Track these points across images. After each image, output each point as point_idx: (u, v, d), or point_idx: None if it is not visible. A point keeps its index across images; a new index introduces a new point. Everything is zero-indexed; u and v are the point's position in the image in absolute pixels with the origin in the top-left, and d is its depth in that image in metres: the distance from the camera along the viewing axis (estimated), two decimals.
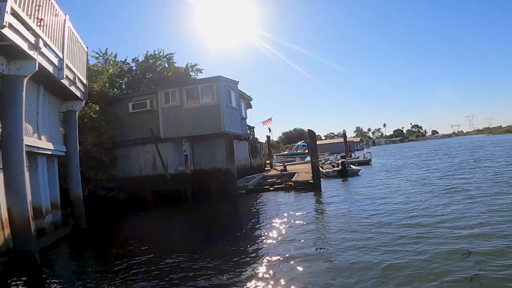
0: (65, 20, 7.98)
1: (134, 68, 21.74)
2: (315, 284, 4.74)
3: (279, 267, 5.53)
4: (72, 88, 8.84)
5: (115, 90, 21.36)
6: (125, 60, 21.73)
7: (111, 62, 21.72)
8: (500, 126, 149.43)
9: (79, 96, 9.60)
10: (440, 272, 4.75)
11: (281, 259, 5.90)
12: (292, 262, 5.69)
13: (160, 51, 22.00)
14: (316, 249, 6.37)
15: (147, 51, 22.01)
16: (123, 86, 21.64)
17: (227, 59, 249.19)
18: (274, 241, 7.12)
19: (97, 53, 21.43)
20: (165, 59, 22.11)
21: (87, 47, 10.33)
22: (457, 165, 20.37)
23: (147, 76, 21.43)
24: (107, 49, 21.83)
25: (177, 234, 9.38)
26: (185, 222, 11.19)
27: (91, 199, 13.48)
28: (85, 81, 9.95)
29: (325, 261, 5.61)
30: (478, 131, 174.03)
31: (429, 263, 5.11)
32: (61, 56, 7.62)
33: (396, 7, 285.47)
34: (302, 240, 6.96)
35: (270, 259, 5.94)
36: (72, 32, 8.70)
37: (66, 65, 7.98)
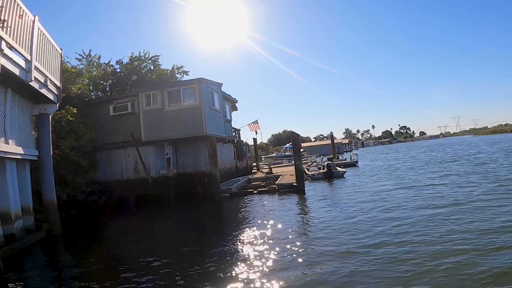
0: (33, 21, 7.78)
1: (118, 70, 21.45)
2: None
3: (254, 276, 5.39)
4: (43, 91, 8.62)
5: (99, 92, 21.04)
6: (109, 62, 21.45)
7: (95, 64, 21.41)
8: (486, 127, 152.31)
9: (52, 99, 9.37)
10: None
11: (255, 269, 5.77)
12: (264, 271, 5.58)
13: (146, 53, 21.80)
14: (292, 257, 6.22)
15: (132, 53, 21.78)
16: (107, 88, 21.33)
17: (217, 61, 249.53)
18: (248, 250, 6.89)
19: (80, 54, 21.09)
20: (150, 61, 21.88)
21: (61, 49, 10.11)
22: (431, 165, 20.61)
23: (132, 78, 21.15)
24: (90, 50, 21.44)
25: (157, 240, 9.19)
26: (165, 228, 10.96)
27: (71, 203, 13.20)
28: (58, 84, 9.72)
29: (298, 272, 5.45)
30: (465, 132, 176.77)
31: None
32: (28, 58, 7.41)
33: (384, 11, 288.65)
34: (277, 247, 6.85)
35: (243, 269, 5.75)
36: (43, 34, 8.49)
37: (35, 67, 7.77)
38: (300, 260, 5.87)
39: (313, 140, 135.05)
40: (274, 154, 52.91)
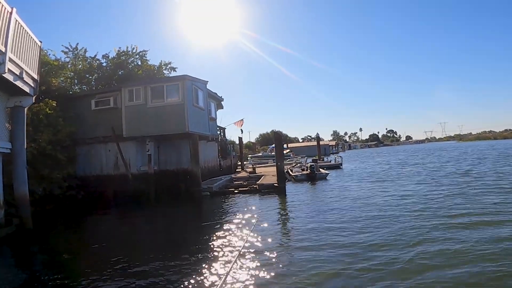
0: (10, 13, 7.63)
1: (104, 64, 21.15)
2: None
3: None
4: (18, 83, 8.46)
5: (84, 86, 20.73)
6: (95, 56, 21.14)
7: (81, 57, 21.07)
8: (470, 133, 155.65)
9: (28, 91, 9.19)
10: None
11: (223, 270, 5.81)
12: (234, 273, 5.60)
13: (133, 48, 21.57)
14: (268, 257, 6.29)
15: (120, 47, 21.49)
16: (92, 82, 21.00)
17: (209, 59, 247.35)
18: (221, 251, 6.89)
19: (66, 47, 20.72)
20: (138, 56, 21.66)
21: (41, 42, 9.92)
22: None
23: (119, 73, 20.87)
24: (77, 44, 21.08)
25: (132, 237, 9.12)
26: (142, 226, 10.86)
27: (47, 198, 13.00)
28: (35, 76, 9.54)
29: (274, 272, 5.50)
30: (450, 138, 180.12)
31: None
32: (3, 50, 7.26)
33: (369, 14, 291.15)
34: (249, 248, 6.89)
35: (212, 270, 5.78)
36: (21, 26, 8.33)
37: (10, 59, 7.63)
38: (274, 260, 5.97)
39: (301, 141, 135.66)
40: (260, 154, 52.90)
